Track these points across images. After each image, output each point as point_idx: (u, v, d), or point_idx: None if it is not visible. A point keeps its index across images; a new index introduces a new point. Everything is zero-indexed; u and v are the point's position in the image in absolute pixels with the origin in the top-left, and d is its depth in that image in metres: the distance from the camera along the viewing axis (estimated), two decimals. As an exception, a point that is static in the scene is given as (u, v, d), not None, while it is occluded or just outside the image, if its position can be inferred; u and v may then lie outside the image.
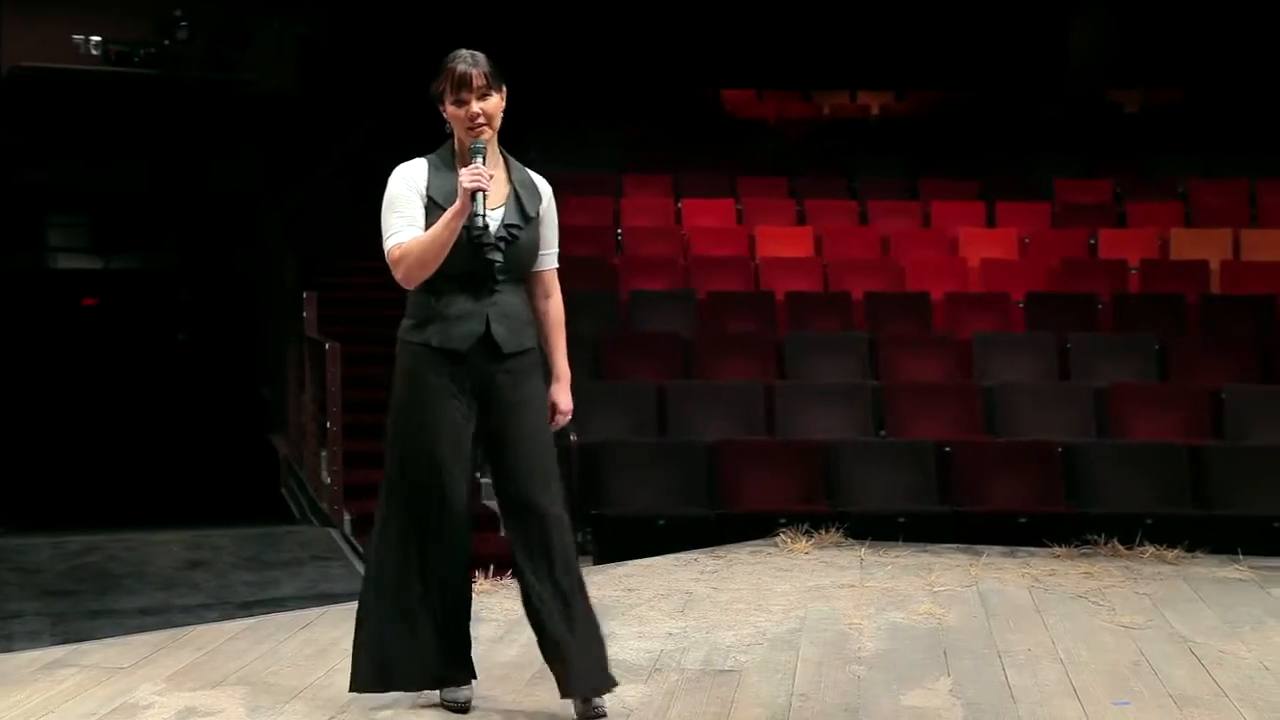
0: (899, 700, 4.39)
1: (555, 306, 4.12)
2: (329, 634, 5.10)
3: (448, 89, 3.90)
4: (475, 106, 3.87)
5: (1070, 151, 13.54)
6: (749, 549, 6.58)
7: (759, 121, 15.30)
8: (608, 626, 4.47)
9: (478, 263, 3.89)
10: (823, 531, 6.72)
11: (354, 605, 5.71)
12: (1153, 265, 10.68)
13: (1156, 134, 14.04)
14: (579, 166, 12.59)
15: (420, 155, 4.05)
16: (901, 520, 7.22)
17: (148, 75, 11.26)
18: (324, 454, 8.66)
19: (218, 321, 11.41)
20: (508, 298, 3.95)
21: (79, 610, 5.58)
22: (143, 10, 11.51)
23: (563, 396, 4.11)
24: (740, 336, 9.46)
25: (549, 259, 4.11)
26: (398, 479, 3.98)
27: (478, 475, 8.86)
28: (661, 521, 7.33)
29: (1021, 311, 9.98)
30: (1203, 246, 10.91)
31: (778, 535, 6.71)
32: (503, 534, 4.25)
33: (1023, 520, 7.31)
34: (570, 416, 4.14)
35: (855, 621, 5.30)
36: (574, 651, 3.95)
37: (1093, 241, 11.27)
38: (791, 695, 4.42)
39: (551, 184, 4.15)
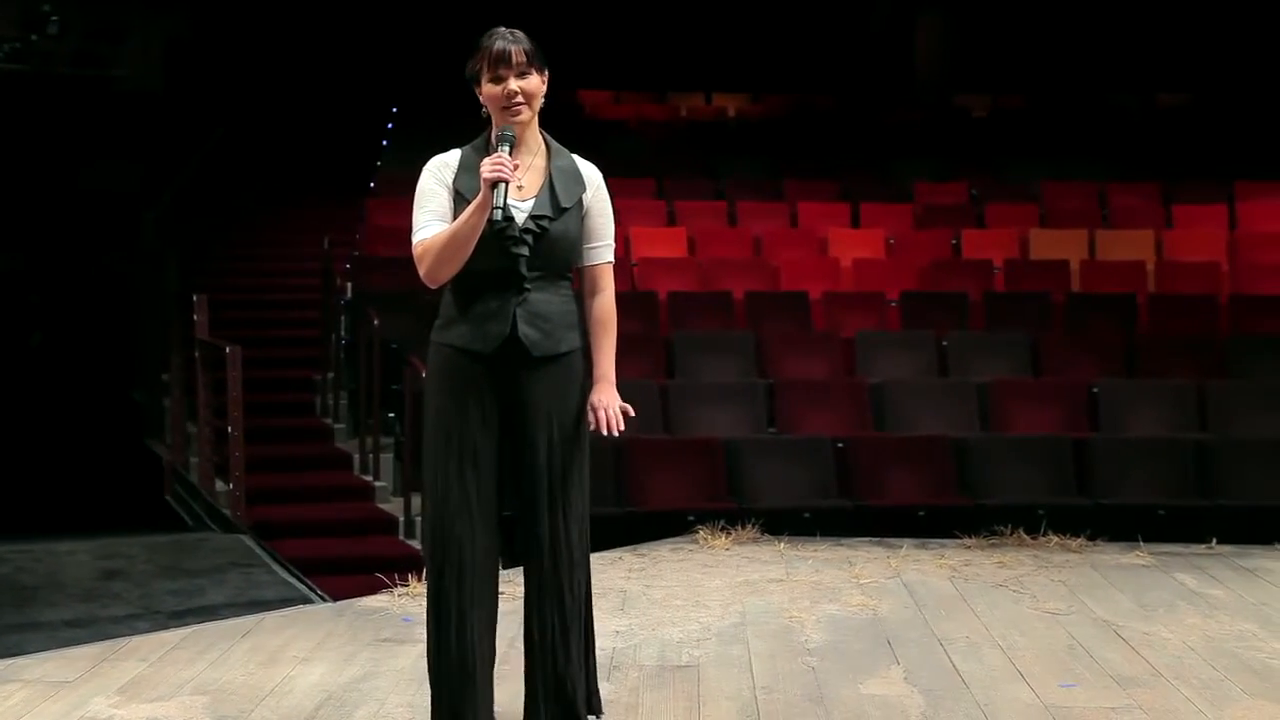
0: (859, 690, 4.52)
1: (602, 304, 3.79)
2: (273, 641, 5.05)
3: (484, 67, 3.64)
4: (514, 84, 3.61)
5: (925, 154, 13.93)
6: (669, 546, 6.66)
7: (619, 123, 15.42)
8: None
9: (505, 259, 3.62)
10: (739, 528, 6.85)
11: (291, 611, 5.72)
12: (1015, 265, 11.06)
13: (1005, 138, 14.52)
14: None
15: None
16: (807, 515, 7.37)
17: (12, 70, 10.84)
18: (208, 460, 8.52)
19: (81, 324, 11.06)
20: (542, 295, 3.67)
21: (1, 624, 5.40)
22: (8, 4, 11.09)
23: (600, 396, 3.74)
24: (627, 337, 9.51)
25: (597, 253, 3.78)
26: (428, 487, 3.74)
27: (372, 480, 8.88)
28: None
29: (896, 310, 10.26)
30: (1061, 247, 11.34)
31: (697, 532, 6.81)
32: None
33: (922, 513, 7.53)
34: (615, 417, 3.74)
35: (794, 615, 5.42)
36: (543, 694, 3.77)
37: (955, 242, 11.62)
38: (754, 689, 4.52)
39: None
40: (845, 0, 17.36)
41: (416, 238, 3.68)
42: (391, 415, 8.97)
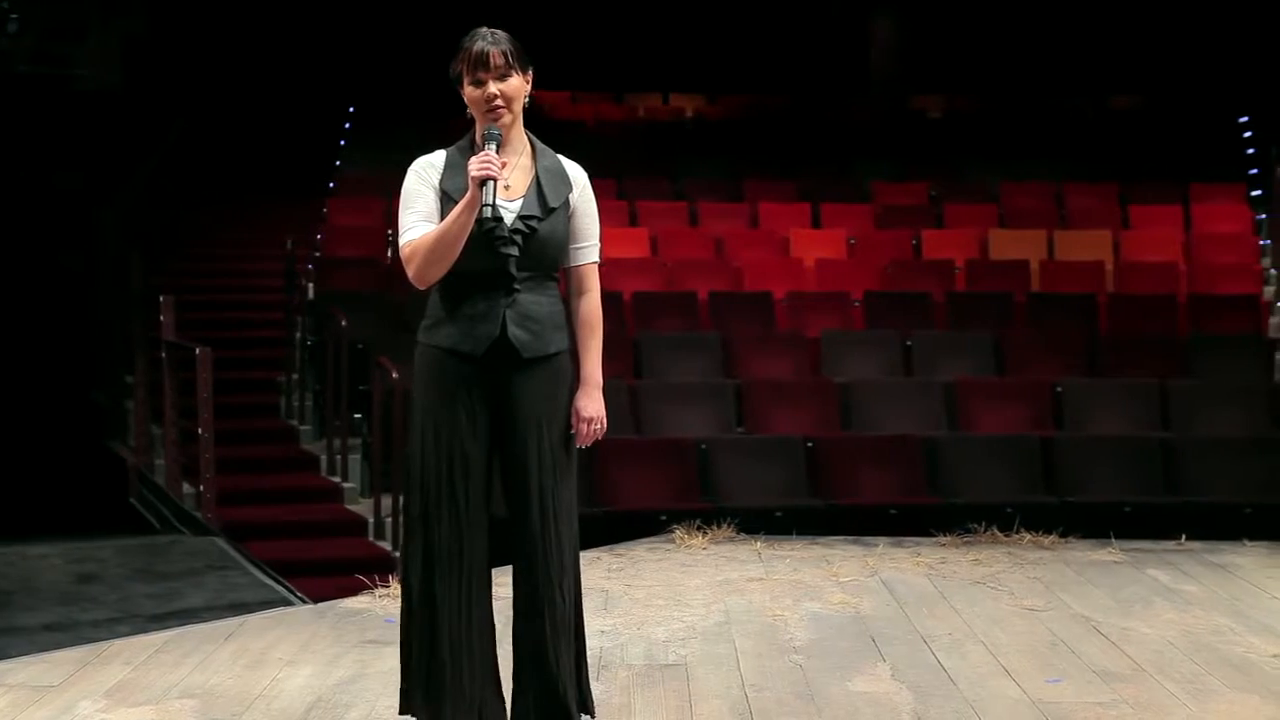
0: (847, 687, 4.55)
1: (588, 305, 3.78)
2: (257, 643, 5.02)
3: (465, 69, 3.62)
4: (493, 87, 3.58)
5: (882, 155, 14.00)
6: (645, 546, 6.68)
7: (577, 123, 15.42)
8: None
9: (494, 259, 3.59)
10: (714, 527, 6.87)
11: (272, 613, 5.68)
12: (976, 265, 11.16)
13: (962, 139, 14.63)
14: (406, 168, 12.50)
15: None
16: (779, 514, 7.41)
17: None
18: (176, 462, 8.44)
19: (39, 325, 10.92)
20: (531, 296, 3.64)
21: (-21, 629, 5.35)
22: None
23: (586, 403, 3.72)
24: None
25: (583, 253, 3.78)
26: (415, 489, 3.72)
27: (340, 481, 8.83)
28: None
29: (860, 310, 10.32)
30: (1020, 247, 11.45)
31: (672, 531, 6.84)
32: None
33: (893, 511, 7.58)
34: (601, 426, 3.76)
35: (777, 613, 5.45)
36: (533, 695, 3.75)
37: (915, 242, 11.70)
38: (743, 686, 4.54)
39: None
40: (800, 1, 17.42)
41: (404, 239, 3.66)
42: (358, 416, 8.93)
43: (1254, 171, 13.43)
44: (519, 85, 3.65)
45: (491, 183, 3.50)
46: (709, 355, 9.43)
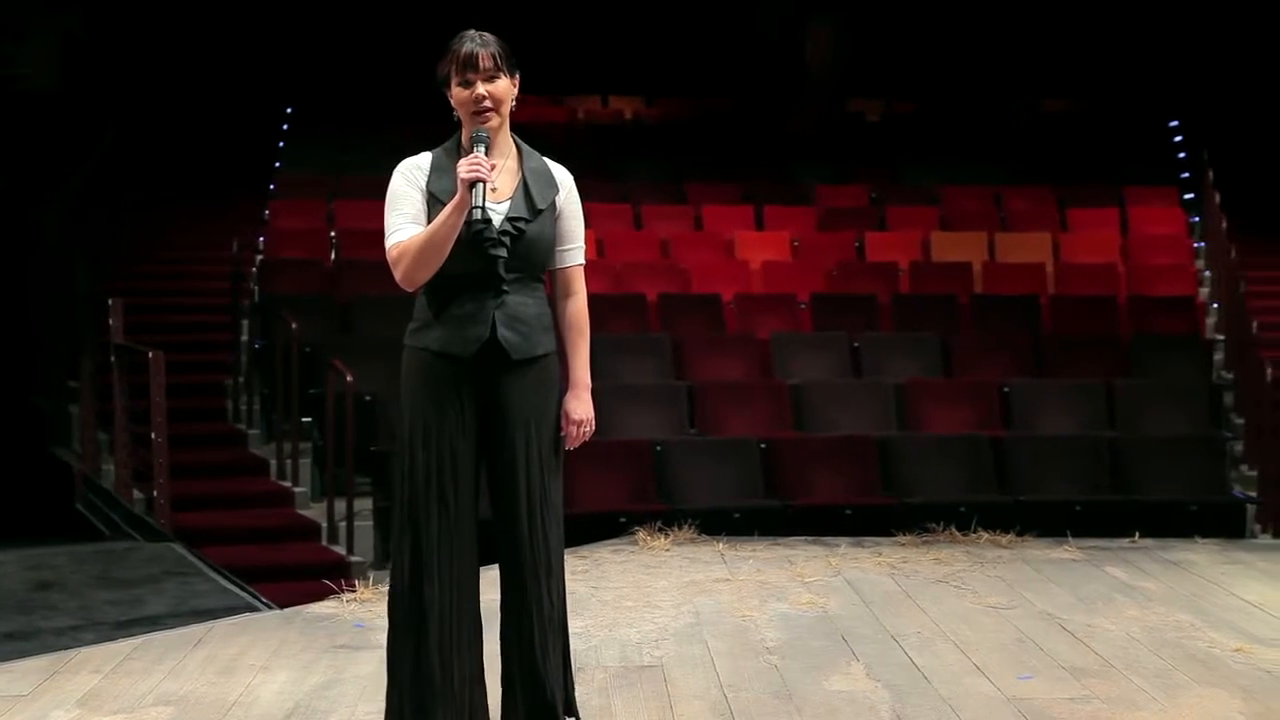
0: (824, 686, 4.58)
1: (575, 307, 3.81)
2: (227, 650, 4.98)
3: (453, 70, 3.62)
4: (481, 89, 3.60)
5: (822, 158, 14.08)
6: (609, 548, 6.69)
7: (516, 125, 15.30)
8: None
9: (482, 260, 3.60)
10: (676, 528, 6.89)
11: (239, 619, 5.62)
12: (920, 267, 11.26)
13: (900, 142, 14.74)
14: (346, 170, 12.46)
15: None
16: (736, 515, 7.44)
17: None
18: (126, 467, 8.32)
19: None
20: (519, 298, 3.65)
21: (-62, 639, 5.24)
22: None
23: (576, 405, 3.77)
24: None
25: (569, 255, 3.80)
26: (401, 491, 3.71)
27: (291, 485, 8.75)
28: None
29: (807, 312, 10.39)
30: (962, 249, 11.59)
31: (634, 533, 6.85)
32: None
33: (849, 512, 7.64)
34: (590, 428, 3.81)
35: (746, 614, 5.48)
36: (521, 694, 3.75)
37: (858, 244, 11.80)
38: (721, 687, 4.56)
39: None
40: (737, 3, 17.48)
41: (391, 240, 3.65)
42: (308, 420, 8.85)
43: (1186, 175, 13.67)
44: (507, 87, 3.67)
45: (481, 184, 3.49)
46: (659, 357, 9.45)
